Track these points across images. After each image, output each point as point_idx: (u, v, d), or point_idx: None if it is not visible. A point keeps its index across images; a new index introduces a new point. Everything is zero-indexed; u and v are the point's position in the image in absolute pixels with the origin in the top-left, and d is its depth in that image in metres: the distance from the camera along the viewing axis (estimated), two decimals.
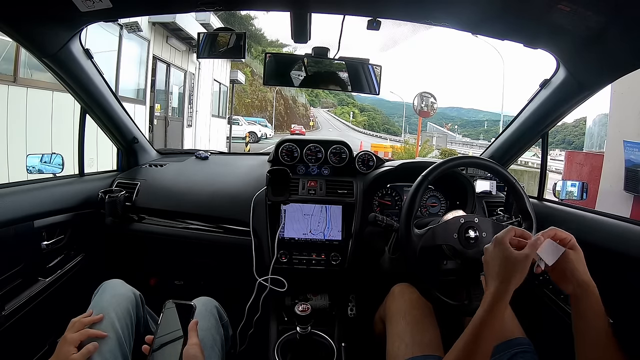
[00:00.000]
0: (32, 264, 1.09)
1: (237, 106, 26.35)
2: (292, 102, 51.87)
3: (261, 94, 35.67)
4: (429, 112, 8.29)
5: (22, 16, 0.89)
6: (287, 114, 46.79)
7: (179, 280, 1.57)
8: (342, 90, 1.11)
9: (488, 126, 79.39)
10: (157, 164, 1.54)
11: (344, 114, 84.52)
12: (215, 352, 0.84)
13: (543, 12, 0.79)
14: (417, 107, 8.25)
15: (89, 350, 0.69)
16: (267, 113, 34.05)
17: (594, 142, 6.37)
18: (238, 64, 13.11)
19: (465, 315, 0.79)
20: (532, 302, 1.08)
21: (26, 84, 3.48)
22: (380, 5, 0.92)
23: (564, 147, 55.94)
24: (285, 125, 40.68)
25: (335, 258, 1.23)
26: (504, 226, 0.87)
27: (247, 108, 31.19)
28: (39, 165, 1.26)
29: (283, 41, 9.12)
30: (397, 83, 71.07)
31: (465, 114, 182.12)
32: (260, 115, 29.88)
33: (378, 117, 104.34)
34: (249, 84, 30.99)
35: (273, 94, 36.58)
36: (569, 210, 1.15)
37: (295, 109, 54.36)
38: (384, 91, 27.02)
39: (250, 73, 29.86)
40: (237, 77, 10.70)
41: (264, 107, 35.59)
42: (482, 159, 0.95)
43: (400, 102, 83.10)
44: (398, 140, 29.17)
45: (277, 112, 39.47)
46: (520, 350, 0.82)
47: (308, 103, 70.15)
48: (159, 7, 1.20)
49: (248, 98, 32.41)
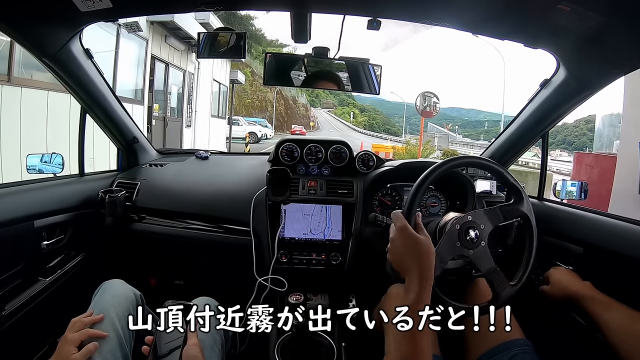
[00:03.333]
0: (32, 264, 1.09)
1: (237, 106, 26.00)
2: (292, 102, 51.65)
3: (261, 94, 35.38)
4: (431, 112, 8.26)
5: (22, 16, 0.89)
6: (288, 115, 46.44)
7: (179, 280, 1.57)
8: (342, 90, 1.11)
9: (488, 126, 79.43)
10: (157, 164, 1.54)
11: (344, 115, 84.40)
12: (215, 352, 0.84)
13: (543, 12, 0.79)
14: (419, 107, 8.21)
15: (89, 350, 0.70)
16: (267, 113, 33.78)
17: (603, 143, 6.29)
18: (238, 64, 13.10)
19: (484, 312, 0.79)
20: (532, 303, 1.08)
21: (21, 84, 3.47)
22: (380, 5, 0.92)
23: (564, 147, 55.90)
24: (285, 125, 40.38)
25: (336, 258, 1.23)
26: (495, 208, 0.85)
27: (248, 108, 30.98)
28: (39, 165, 1.26)
29: (283, 41, 9.15)
30: (398, 83, 70.94)
31: (466, 114, 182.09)
32: (261, 116, 29.70)
33: (378, 118, 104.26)
34: (249, 84, 30.89)
35: (273, 94, 36.30)
36: (569, 210, 1.15)
37: (296, 110, 54.08)
38: (385, 91, 26.80)
39: (251, 73, 29.74)
40: (237, 77, 10.68)
41: (264, 108, 35.31)
42: (482, 159, 0.95)
43: (400, 103, 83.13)
44: (398, 140, 29.10)
45: (278, 113, 39.17)
46: (520, 351, 0.82)
47: (308, 103, 69.91)
48: (159, 7, 1.20)
49: (248, 98, 32.18)
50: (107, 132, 1.43)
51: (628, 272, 0.87)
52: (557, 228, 1.12)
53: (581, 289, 0.84)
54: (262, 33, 36.85)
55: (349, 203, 1.28)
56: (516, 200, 0.86)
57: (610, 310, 0.76)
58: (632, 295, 0.80)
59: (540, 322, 1.06)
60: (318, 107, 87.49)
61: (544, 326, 1.05)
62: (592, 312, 0.79)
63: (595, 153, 6.01)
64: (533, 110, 1.20)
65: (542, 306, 1.05)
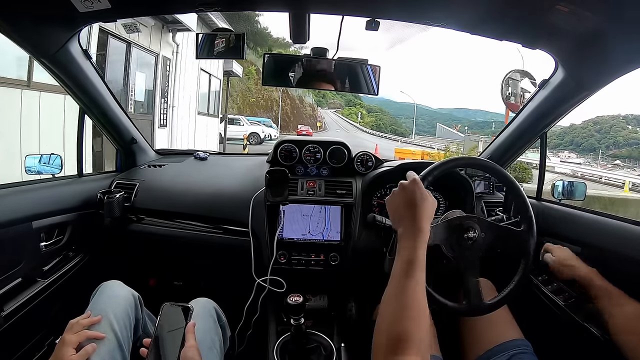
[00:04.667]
0: (30, 265, 1.09)
1: (242, 106, 26.31)
2: (299, 102, 50.90)
3: (267, 93, 34.56)
4: (517, 103, 6.77)
5: (20, 16, 0.89)
6: (294, 114, 45.54)
7: (178, 281, 1.57)
8: (340, 90, 1.11)
9: (496, 127, 79.01)
10: (155, 165, 1.54)
11: (352, 115, 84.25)
12: (213, 353, 0.84)
13: (541, 13, 0.79)
14: (503, 95, 6.76)
15: (87, 352, 0.69)
16: (272, 113, 32.83)
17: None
18: (242, 62, 12.43)
19: (463, 316, 0.79)
20: (530, 304, 1.08)
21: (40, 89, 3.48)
22: (379, 5, 0.92)
23: (572, 148, 55.85)
24: (291, 125, 39.32)
25: (334, 258, 1.23)
26: (502, 227, 0.86)
27: (252, 108, 30.38)
28: (38, 166, 1.25)
29: (289, 40, 8.91)
30: (405, 83, 70.48)
31: (472, 115, 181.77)
32: (266, 115, 29.06)
33: (385, 118, 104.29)
34: (254, 82, 30.60)
35: (279, 93, 34.86)
36: (568, 210, 1.15)
37: (302, 109, 53.31)
38: (393, 91, 26.14)
39: (256, 71, 29.34)
40: (233, 68, 9.18)
41: (269, 107, 34.49)
42: (480, 159, 0.95)
43: (408, 104, 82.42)
44: (408, 142, 28.53)
45: (284, 112, 38.13)
46: (519, 351, 0.82)
47: (315, 103, 69.27)
48: (158, 7, 1.20)
49: (253, 97, 31.54)
50: (105, 133, 1.43)
51: (627, 272, 0.87)
52: (556, 228, 1.12)
53: (589, 274, 0.83)
54: (268, 32, 36.18)
55: (348, 203, 1.28)
56: (526, 229, 0.86)
57: (621, 304, 0.75)
58: (632, 295, 0.80)
59: (539, 322, 1.06)
60: (325, 108, 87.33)
61: (543, 326, 1.05)
62: (600, 302, 0.78)
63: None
64: (532, 110, 1.20)
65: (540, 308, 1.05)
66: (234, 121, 14.75)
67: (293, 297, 0.96)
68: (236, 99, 24.87)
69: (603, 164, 31.74)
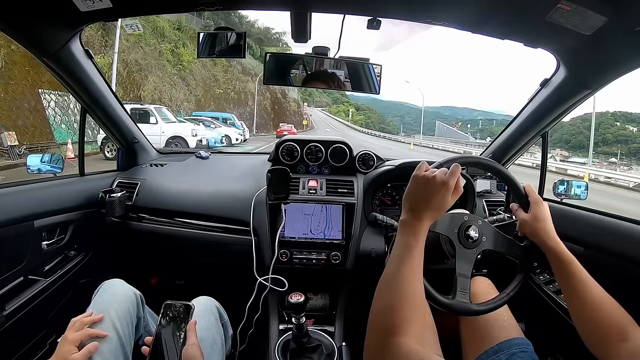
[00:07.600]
0: (32, 263, 1.09)
1: (203, 98, 19.40)
2: (281, 96, 39.95)
3: (240, 83, 26.00)
4: None
5: (22, 16, 0.89)
6: (275, 111, 35.69)
7: (180, 280, 1.57)
8: (342, 89, 1.11)
9: (483, 125, 78.88)
10: (157, 164, 1.55)
11: (340, 113, 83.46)
12: (215, 352, 0.84)
13: (543, 12, 0.79)
14: None
15: (89, 350, 0.70)
16: (247, 109, 26.01)
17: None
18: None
19: (451, 313, 0.78)
20: (531, 303, 1.08)
21: None
22: (380, 4, 0.92)
23: (561, 145, 55.51)
24: (271, 124, 30.98)
25: (336, 257, 1.23)
26: (506, 238, 0.85)
27: (219, 101, 22.32)
28: (39, 165, 1.26)
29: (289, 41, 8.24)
30: (392, 83, 68.97)
31: (459, 113, 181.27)
32: (239, 111, 23.16)
33: (374, 117, 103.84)
34: (223, 71, 23.62)
35: (255, 84, 27.10)
36: (569, 209, 1.15)
37: (285, 105, 42.64)
38: (393, 84, 25.59)
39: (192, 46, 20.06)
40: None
41: (242, 101, 25.91)
42: (482, 158, 0.95)
43: (394, 102, 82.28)
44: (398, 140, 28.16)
45: (262, 108, 29.56)
46: (519, 350, 0.82)
47: (300, 100, 62.17)
48: (159, 7, 1.20)
49: (220, 88, 22.94)
50: (107, 132, 1.43)
51: (628, 271, 0.87)
52: (557, 228, 1.12)
53: (555, 248, 0.75)
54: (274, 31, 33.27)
55: (349, 203, 1.28)
56: (529, 244, 0.83)
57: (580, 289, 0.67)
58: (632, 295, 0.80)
59: (539, 321, 1.06)
60: (312, 106, 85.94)
61: (543, 326, 1.05)
62: (559, 271, 0.72)
63: None
64: (533, 109, 1.20)
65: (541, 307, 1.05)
66: (139, 116, 8.82)
67: (294, 296, 0.96)
68: (194, 89, 18.84)
69: (598, 162, 31.41)
